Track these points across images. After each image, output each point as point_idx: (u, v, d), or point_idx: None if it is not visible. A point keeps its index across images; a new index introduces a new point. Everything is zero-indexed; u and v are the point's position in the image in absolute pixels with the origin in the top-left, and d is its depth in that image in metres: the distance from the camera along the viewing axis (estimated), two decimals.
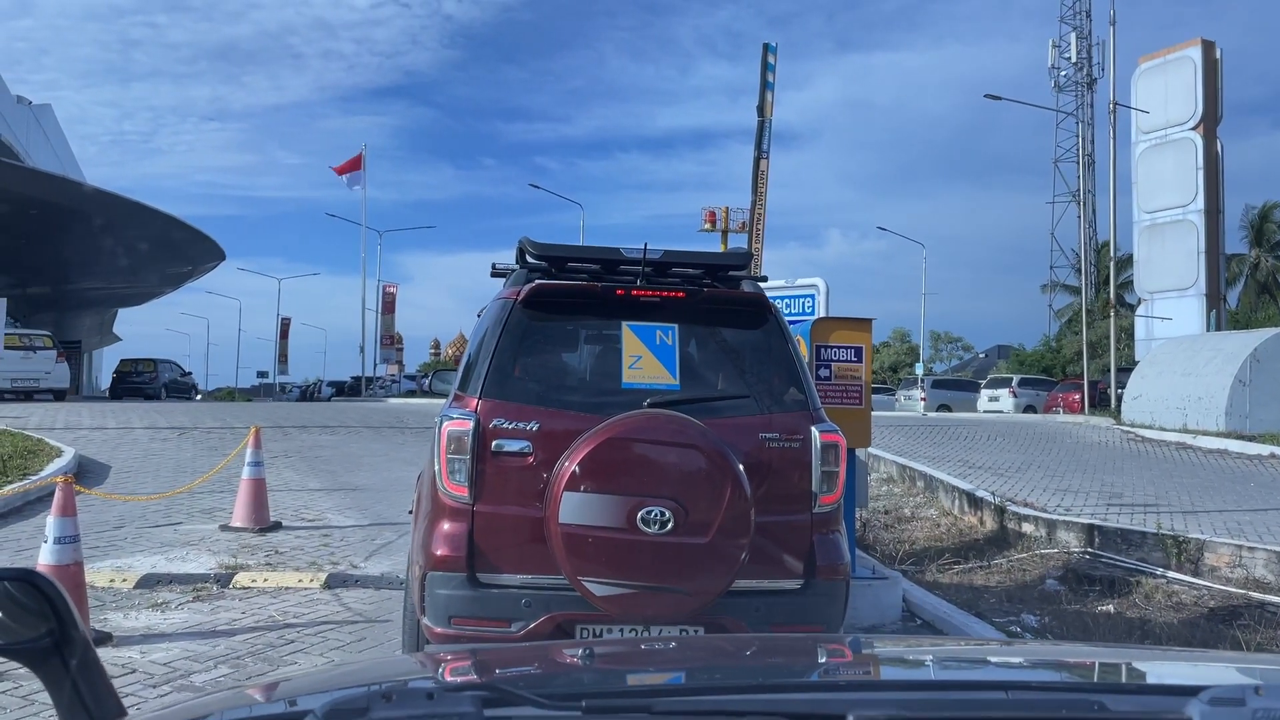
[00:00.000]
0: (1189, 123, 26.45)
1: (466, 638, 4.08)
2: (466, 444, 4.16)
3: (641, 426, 4.06)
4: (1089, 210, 57.47)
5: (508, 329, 4.42)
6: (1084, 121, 58.71)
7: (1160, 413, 19.09)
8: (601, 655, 1.77)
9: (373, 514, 9.40)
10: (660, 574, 3.98)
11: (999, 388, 36.49)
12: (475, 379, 4.34)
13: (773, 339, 4.59)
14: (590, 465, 3.97)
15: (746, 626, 4.16)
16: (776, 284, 7.77)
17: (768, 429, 4.35)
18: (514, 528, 4.17)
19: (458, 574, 4.13)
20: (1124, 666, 1.78)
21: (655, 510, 3.93)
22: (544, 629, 4.08)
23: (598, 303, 4.57)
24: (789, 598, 4.29)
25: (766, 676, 1.67)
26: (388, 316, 51.65)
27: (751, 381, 4.52)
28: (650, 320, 4.46)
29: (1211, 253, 26.56)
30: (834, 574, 4.31)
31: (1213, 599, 7.95)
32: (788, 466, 4.31)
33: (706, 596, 4.03)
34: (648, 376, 4.35)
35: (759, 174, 8.88)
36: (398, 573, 7.03)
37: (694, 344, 4.54)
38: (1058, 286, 60.84)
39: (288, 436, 15.92)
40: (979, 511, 10.59)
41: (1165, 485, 12.83)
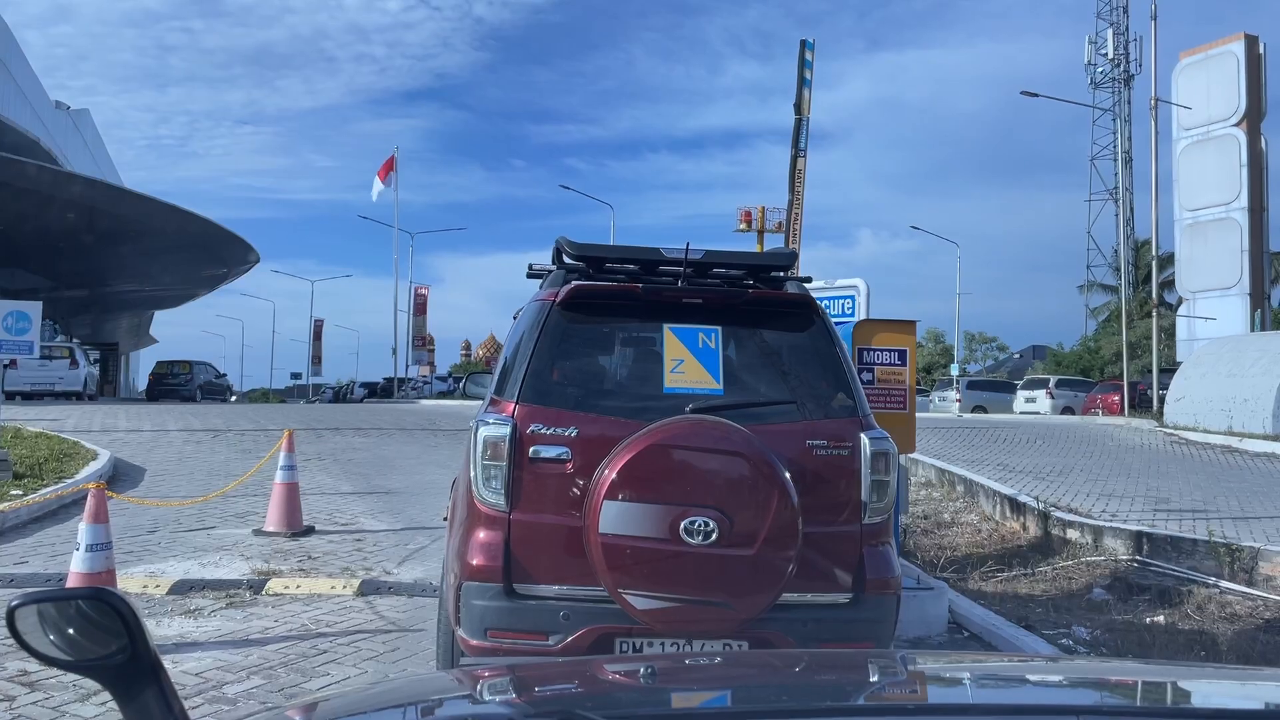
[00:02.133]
0: (1232, 119, 25.93)
1: (503, 650, 3.94)
2: (504, 450, 4.03)
3: (685, 433, 3.94)
4: (1126, 208, 56.61)
5: (545, 331, 4.29)
6: (1121, 119, 57.86)
7: (1204, 415, 18.67)
8: (643, 672, 1.71)
9: (406, 518, 9.33)
10: (704, 587, 3.85)
11: (1035, 389, 35.97)
12: (512, 383, 4.20)
13: (819, 342, 4.44)
14: (631, 473, 3.84)
15: (794, 642, 3.97)
16: (816, 285, 7.59)
17: (815, 436, 4.19)
18: (552, 537, 4.02)
19: (494, 584, 4.00)
20: (1183, 687, 1.73)
21: (699, 520, 3.81)
22: (583, 642, 3.92)
23: (638, 304, 4.44)
24: (837, 612, 4.13)
25: (816, 699, 1.62)
26: (419, 318, 51.90)
27: (797, 386, 4.37)
28: (693, 323, 4.32)
29: (1255, 251, 26.03)
30: (885, 588, 4.14)
31: (1268, 610, 7.68)
32: (836, 475, 4.15)
33: (752, 610, 3.90)
34: (690, 381, 4.23)
35: (796, 173, 8.72)
36: (431, 579, 6.94)
37: (738, 347, 4.39)
38: (1094, 286, 59.97)
39: (320, 439, 15.93)
40: (1021, 517, 10.35)
41: (1212, 490, 12.50)
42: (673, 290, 4.47)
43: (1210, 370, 19.44)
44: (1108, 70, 59.13)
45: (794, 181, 8.62)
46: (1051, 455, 15.61)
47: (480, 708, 1.51)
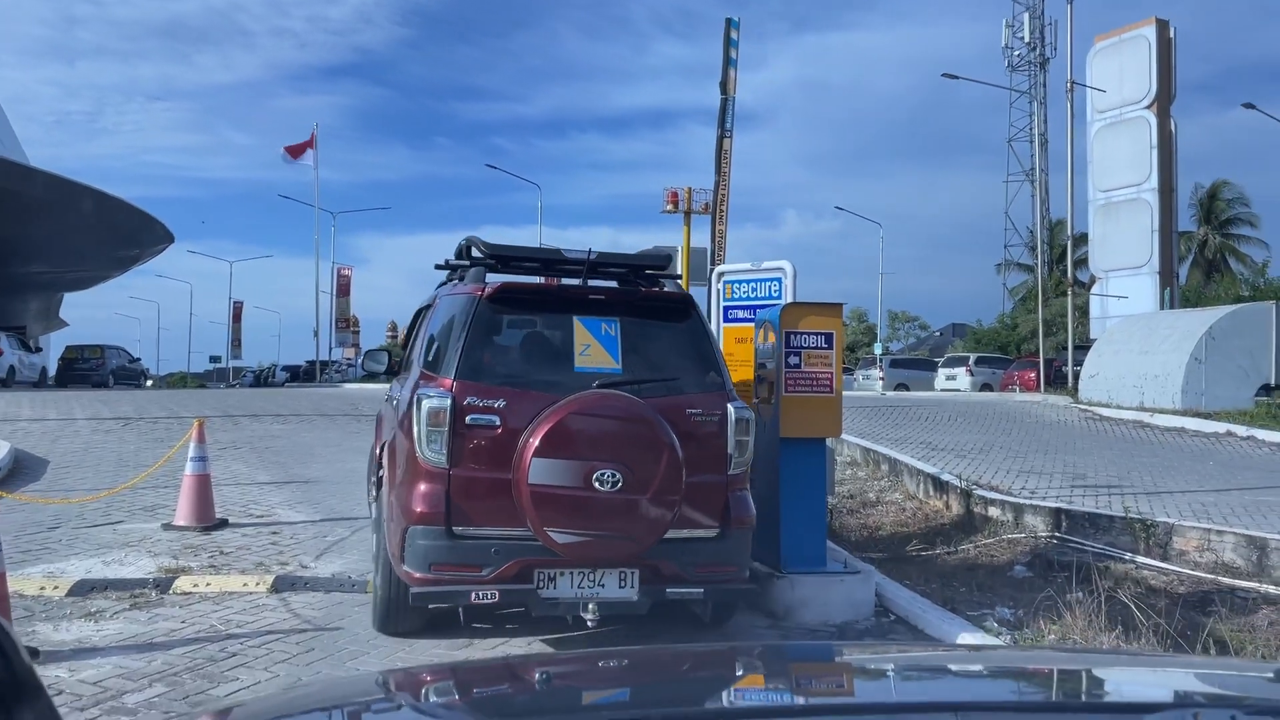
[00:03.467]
0: (1143, 102, 26.57)
1: (444, 580, 4.85)
2: (444, 418, 4.91)
3: (594, 403, 4.90)
4: (1042, 189, 57.96)
5: (475, 320, 5.16)
6: (1037, 101, 59.16)
7: (1117, 391, 19.19)
8: (555, 675, 1.74)
9: (325, 509, 9.06)
10: (610, 525, 4.79)
11: (956, 366, 36.69)
12: (447, 363, 5.11)
13: (696, 331, 5.50)
14: (553, 435, 4.77)
15: (676, 569, 5.04)
16: (741, 267, 7.53)
17: (693, 406, 5.22)
18: (484, 488, 4.91)
19: (437, 527, 4.88)
20: (1083, 678, 1.78)
21: (607, 472, 4.76)
22: (509, 572, 4.85)
23: (552, 299, 5.49)
24: (708, 543, 5.17)
25: (729, 698, 1.67)
26: (343, 299, 50.82)
27: (679, 366, 5.39)
28: (596, 315, 5.28)
29: (1165, 231, 26.78)
30: (743, 524, 5.27)
31: (1183, 584, 7.87)
32: (708, 436, 5.19)
33: (646, 543, 4.89)
34: (595, 362, 5.17)
35: (722, 153, 8.62)
36: (350, 573, 6.73)
37: (632, 335, 5.31)
38: (1011, 265, 61.33)
39: (237, 426, 15.46)
40: (945, 495, 10.48)
41: (1126, 465, 12.82)
42: (580, 288, 5.52)
43: (1123, 347, 19.97)
44: (1024, 54, 60.29)
45: (720, 162, 8.51)
46: (973, 433, 15.87)
47: (399, 715, 1.51)
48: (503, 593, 4.90)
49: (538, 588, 4.92)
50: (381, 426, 6.94)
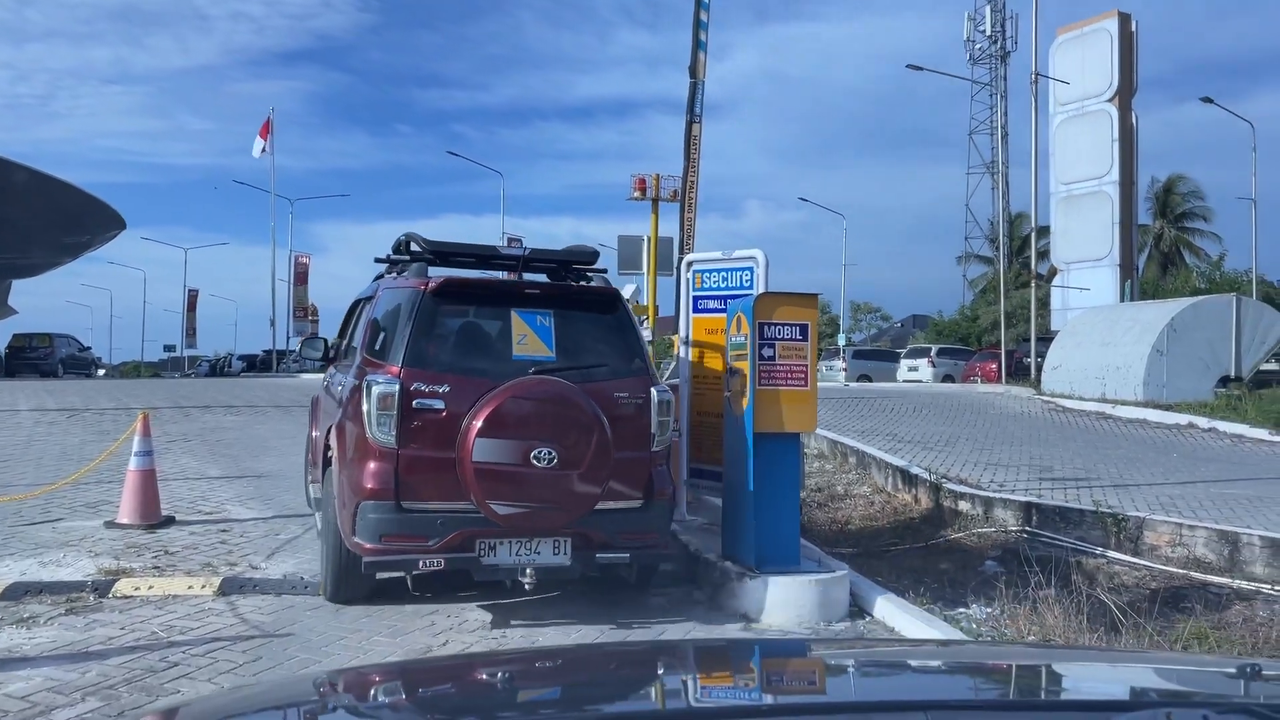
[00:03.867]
0: (1105, 95, 26.70)
1: (393, 550, 5.27)
2: (392, 402, 5.32)
3: (531, 388, 5.36)
4: (1003, 182, 58.44)
5: (420, 312, 5.56)
6: (998, 94, 59.55)
7: (1080, 382, 19.25)
8: (504, 674, 1.72)
9: (278, 505, 8.72)
10: (546, 497, 5.26)
11: (918, 357, 36.81)
12: (395, 351, 5.52)
13: (623, 323, 6.00)
14: (494, 417, 5.22)
15: (604, 536, 5.51)
16: (711, 256, 7.30)
17: (620, 390, 5.70)
18: (430, 466, 5.32)
19: (387, 502, 5.30)
20: (1053, 676, 1.78)
21: (543, 450, 5.23)
22: (454, 542, 5.29)
23: (492, 293, 6.01)
24: (633, 513, 5.64)
25: (685, 696, 1.65)
26: (300, 288, 49.96)
27: (607, 354, 5.85)
28: (532, 308, 5.73)
29: (1126, 224, 26.97)
30: (664, 496, 5.78)
31: (1154, 580, 7.79)
32: (633, 417, 5.67)
33: (579, 514, 5.38)
34: (531, 350, 5.64)
35: (691, 139, 8.38)
36: (302, 573, 6.43)
37: (565, 326, 5.77)
38: (972, 257, 61.76)
39: (188, 417, 15.00)
40: (913, 489, 10.35)
41: (1092, 457, 12.80)
42: (517, 283, 6.05)
43: (1085, 339, 20.04)
44: (985, 47, 60.63)
45: (689, 149, 8.29)
46: (938, 424, 15.81)
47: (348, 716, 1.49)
48: (448, 560, 5.34)
49: (479, 555, 5.37)
50: (319, 411, 7.57)
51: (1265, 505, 9.54)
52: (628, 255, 15.45)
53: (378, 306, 6.22)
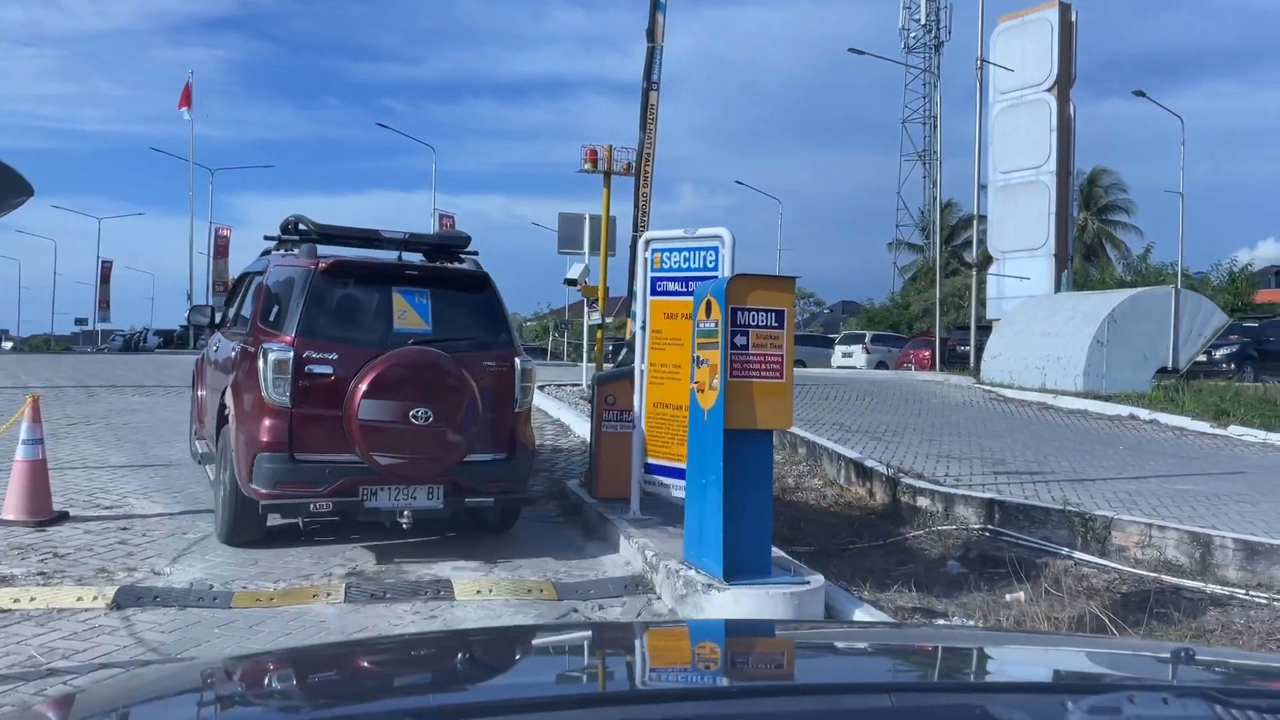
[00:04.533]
0: (1044, 84, 26.64)
1: (287, 495, 6.06)
2: (287, 367, 6.09)
3: (410, 357, 6.18)
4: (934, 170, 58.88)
5: (311, 289, 6.33)
6: (931, 84, 59.94)
7: (1019, 372, 19.15)
8: (402, 658, 1.73)
9: (188, 497, 7.94)
10: (422, 450, 6.09)
11: (852, 344, 36.81)
12: (288, 323, 6.29)
13: (491, 300, 6.89)
14: (378, 381, 6.01)
15: (473, 482, 6.41)
16: (672, 234, 6.72)
17: (488, 359, 6.60)
18: (320, 423, 6.12)
19: (281, 454, 6.08)
20: (1008, 658, 1.79)
21: (420, 410, 6.03)
22: (341, 488, 6.10)
23: (375, 273, 6.71)
24: (498, 464, 6.57)
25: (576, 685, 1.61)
26: (220, 261, 48.10)
27: (477, 328, 6.74)
28: (411, 287, 6.57)
29: (1062, 214, 27.00)
30: (524, 450, 6.77)
31: (1125, 583, 7.48)
32: (500, 382, 6.60)
33: (451, 464, 6.23)
34: (410, 324, 6.45)
35: (648, 108, 7.79)
36: (212, 580, 5.73)
37: (441, 303, 6.62)
38: (902, 244, 62.23)
39: (94, 398, 13.95)
40: (868, 482, 9.94)
41: (1042, 450, 12.58)
42: (399, 265, 6.89)
43: (1025, 329, 19.96)
44: (920, 36, 60.96)
45: (645, 118, 7.68)
46: (883, 413, 15.51)
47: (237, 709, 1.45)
48: (335, 504, 6.16)
49: (363, 500, 6.20)
50: (205, 373, 8.48)
51: (1223, 502, 9.34)
52: (568, 234, 14.78)
53: (270, 282, 6.91)
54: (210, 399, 7.73)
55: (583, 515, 7.63)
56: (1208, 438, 14.19)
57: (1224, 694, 1.14)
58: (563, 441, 11.15)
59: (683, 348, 6.46)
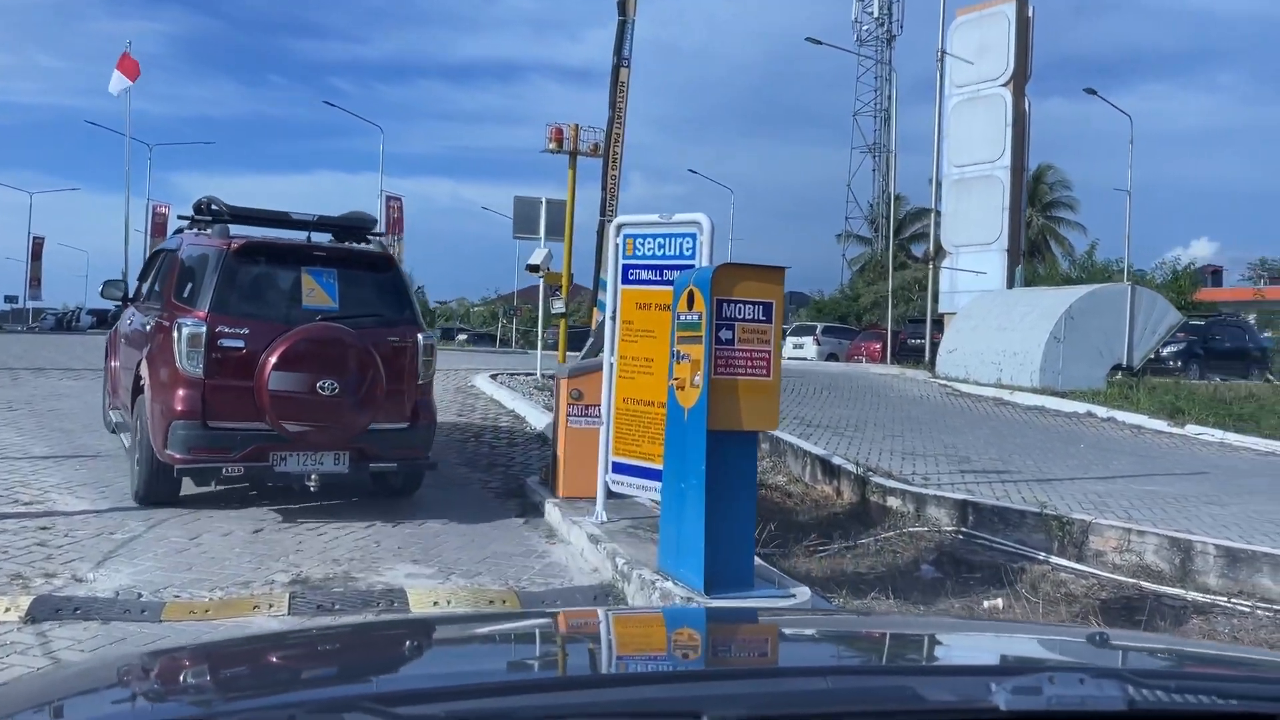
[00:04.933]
0: (1000, 79, 26.63)
1: (200, 459, 6.51)
2: (200, 340, 6.49)
3: (318, 332, 6.62)
4: (884, 164, 59.12)
5: (224, 267, 6.72)
6: (883, 77, 60.17)
7: (975, 367, 19.08)
8: (319, 650, 1.69)
9: (117, 492, 7.37)
10: (329, 419, 6.55)
11: (803, 335, 36.73)
12: (202, 299, 6.69)
13: (396, 281, 7.36)
14: (288, 354, 6.44)
15: (377, 449, 6.89)
16: (646, 219, 6.31)
17: (392, 335, 7.02)
18: (232, 393, 6.53)
19: (195, 421, 6.48)
20: (934, 642, 1.83)
21: (327, 382, 6.48)
22: (252, 453, 6.53)
23: (285, 252, 7.10)
24: (400, 433, 7.04)
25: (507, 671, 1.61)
26: (158, 239, 46.49)
27: (381, 305, 7.15)
28: (319, 266, 6.96)
29: (1015, 210, 27.05)
30: (426, 419, 7.26)
31: (1104, 589, 7.25)
32: (403, 356, 7.01)
33: (356, 432, 6.71)
34: (318, 301, 6.85)
35: (618, 85, 7.36)
36: (140, 588, 5.23)
37: (347, 282, 7.01)
38: (851, 237, 62.42)
39: (17, 381, 13.18)
40: (835, 480, 9.65)
41: (1004, 447, 12.42)
42: (308, 245, 7.27)
43: (981, 324, 19.90)
44: (873, 29, 61.08)
45: (615, 96, 7.24)
46: (841, 407, 15.27)
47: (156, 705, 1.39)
48: (246, 468, 6.64)
49: (273, 465, 6.64)
50: (118, 346, 8.84)
51: (1191, 504, 9.22)
52: (524, 218, 14.28)
53: (184, 259, 7.30)
54: (124, 370, 8.09)
55: (544, 516, 7.21)
56: (1166, 437, 14.17)
57: (1136, 674, 1.20)
58: (519, 434, 10.70)
59: (656, 340, 6.07)
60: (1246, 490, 10.18)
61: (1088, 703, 1.11)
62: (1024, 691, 1.12)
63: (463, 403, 12.56)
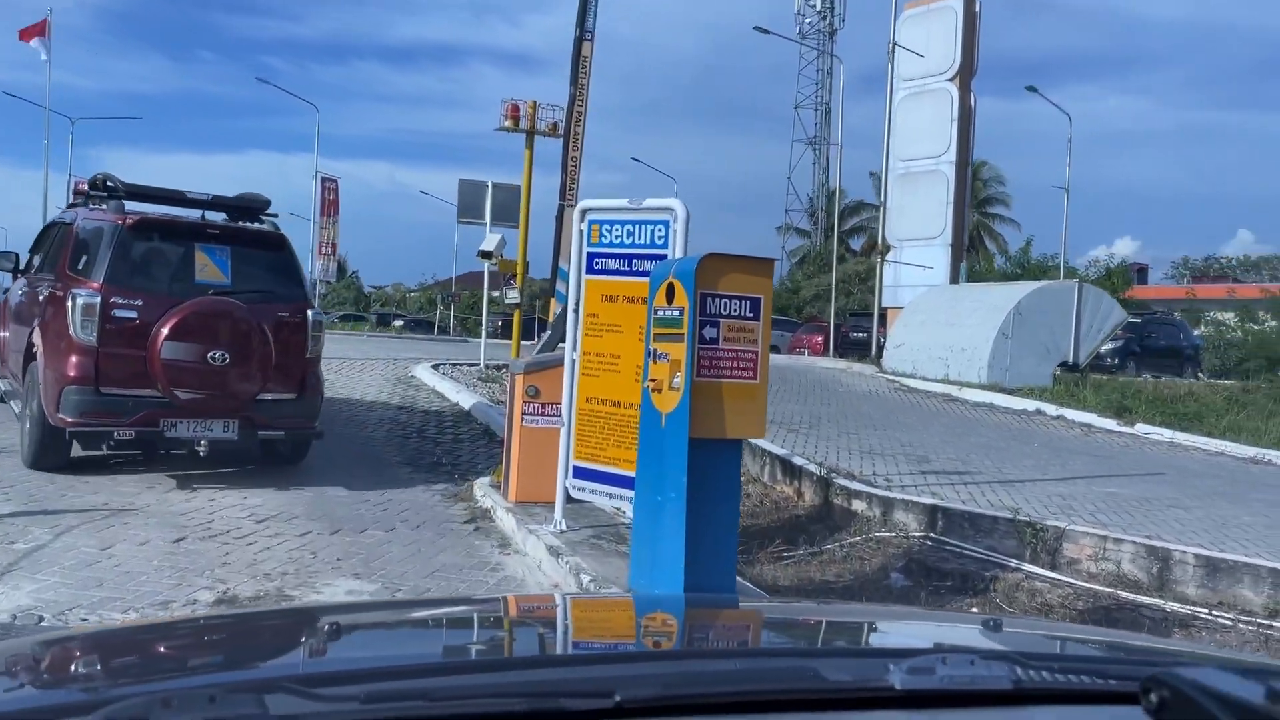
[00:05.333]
0: (947, 73, 26.59)
1: (92, 424, 6.86)
2: (95, 311, 6.84)
3: (209, 305, 7.02)
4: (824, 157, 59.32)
5: (119, 242, 7.09)
6: (824, 70, 60.30)
7: (923, 362, 18.94)
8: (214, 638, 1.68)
9: (20, 495, 6.70)
10: (219, 388, 6.97)
11: None
12: (96, 271, 7.05)
13: (288, 259, 7.80)
14: (180, 326, 6.84)
15: (266, 418, 7.30)
16: (614, 204, 5.82)
17: (283, 310, 7.44)
18: (125, 362, 6.91)
19: (88, 387, 6.84)
20: (836, 627, 1.93)
21: (218, 353, 6.91)
22: (144, 419, 6.89)
23: (179, 229, 7.55)
24: (289, 403, 7.46)
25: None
26: None
27: (273, 282, 7.54)
28: (212, 243, 7.36)
29: (958, 205, 27.06)
30: (314, 391, 7.74)
31: (1080, 599, 6.98)
32: (294, 331, 7.45)
33: (244, 400, 7.14)
34: (210, 276, 7.25)
35: (580, 60, 6.85)
36: (41, 609, 4.61)
37: (239, 258, 7.41)
38: (791, 229, 62.55)
39: None
40: (795, 481, 9.29)
41: (961, 446, 12.19)
42: (202, 223, 7.66)
43: (929, 319, 19.78)
44: (815, 22, 61.11)
45: (577, 72, 6.75)
46: (793, 403, 14.96)
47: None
48: (138, 432, 6.91)
49: (163, 430, 6.93)
50: (7, 316, 9.04)
51: (1155, 508, 9.05)
52: (468, 202, 13.69)
53: (79, 233, 7.59)
54: (15, 338, 8.35)
55: (496, 523, 6.70)
56: (1116, 436, 14.11)
57: (1023, 656, 1.28)
58: (465, 430, 10.14)
59: (624, 335, 5.61)
60: (1206, 493, 10.07)
61: (977, 682, 1.17)
62: (918, 672, 1.17)
63: (403, 395, 11.95)
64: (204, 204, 7.92)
